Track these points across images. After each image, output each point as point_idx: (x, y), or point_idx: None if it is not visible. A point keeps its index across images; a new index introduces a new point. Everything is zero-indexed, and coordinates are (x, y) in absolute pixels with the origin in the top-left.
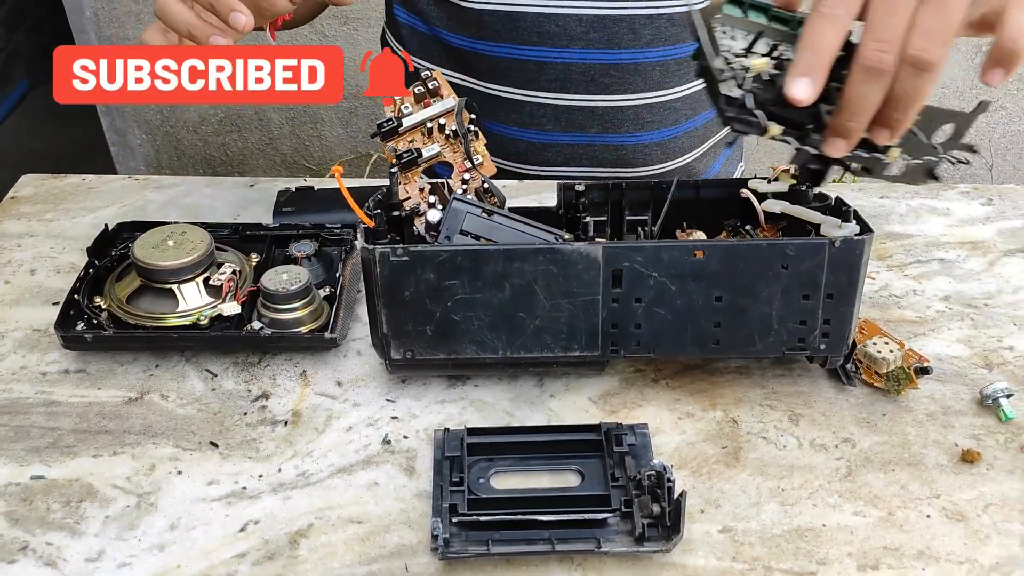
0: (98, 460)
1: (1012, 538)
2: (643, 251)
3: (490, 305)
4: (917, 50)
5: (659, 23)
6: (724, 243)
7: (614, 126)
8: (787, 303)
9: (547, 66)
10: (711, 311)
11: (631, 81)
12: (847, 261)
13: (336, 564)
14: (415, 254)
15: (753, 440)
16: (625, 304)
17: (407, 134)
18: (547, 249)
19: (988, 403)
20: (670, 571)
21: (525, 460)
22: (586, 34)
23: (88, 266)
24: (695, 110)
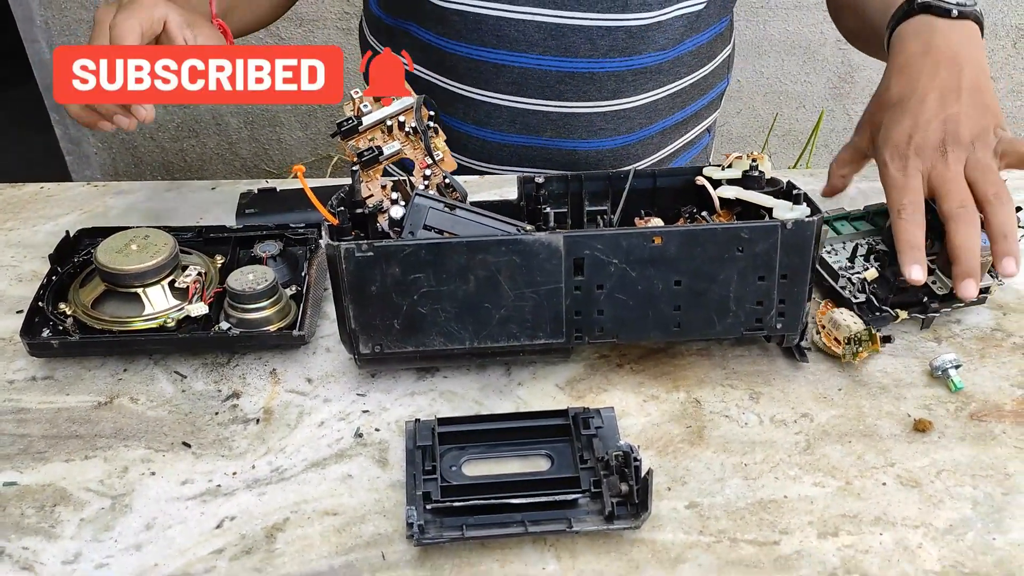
0: (70, 464)
1: (964, 501)
2: (603, 239)
3: (455, 297)
4: (986, 188)
5: (616, 35)
6: (681, 228)
7: (568, 131)
8: (744, 285)
9: (504, 69)
10: (671, 295)
11: (586, 89)
12: (799, 242)
13: (313, 556)
14: (379, 249)
15: (716, 419)
16: (587, 291)
17: (367, 132)
18: (509, 240)
19: (938, 374)
20: (640, 547)
21: (496, 447)
22: (544, 41)
23: (51, 273)
24: (651, 119)
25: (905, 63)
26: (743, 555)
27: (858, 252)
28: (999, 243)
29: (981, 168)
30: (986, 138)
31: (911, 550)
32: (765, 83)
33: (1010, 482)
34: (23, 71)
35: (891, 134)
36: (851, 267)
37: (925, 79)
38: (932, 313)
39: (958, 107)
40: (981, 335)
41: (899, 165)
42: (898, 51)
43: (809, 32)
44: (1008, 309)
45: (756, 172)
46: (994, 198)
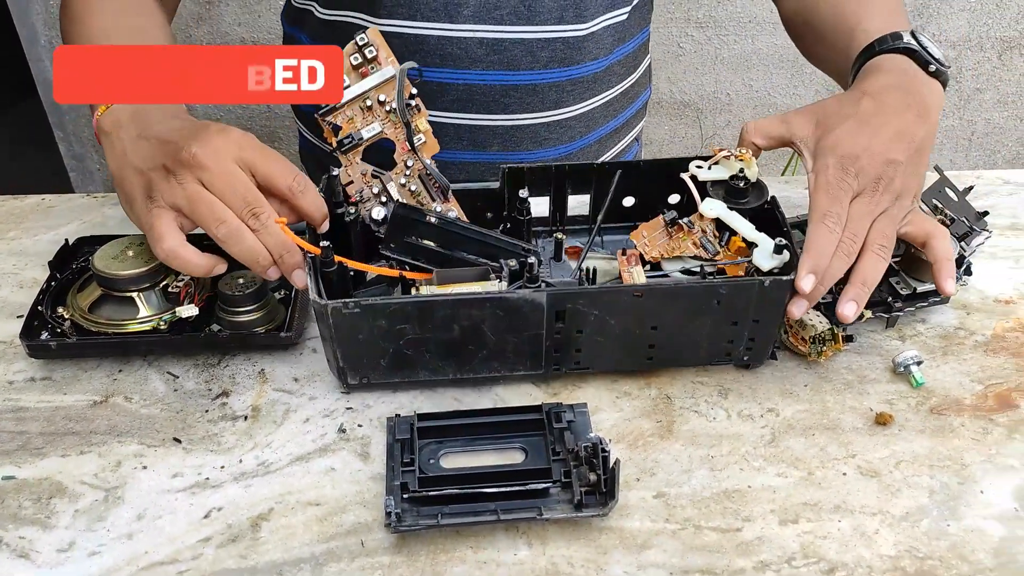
0: (66, 459)
1: (921, 490)
2: (586, 295)
3: (440, 342)
4: (879, 237)
5: (555, 46)
6: (663, 286)
7: (514, 143)
8: (717, 328)
9: (449, 87)
10: (647, 337)
11: (529, 101)
12: (774, 296)
13: (296, 543)
14: (366, 307)
15: (685, 414)
16: (567, 335)
17: (345, 108)
18: (494, 297)
19: (900, 370)
20: (608, 534)
21: (472, 441)
22: (487, 56)
23: (50, 279)
24: (588, 127)
25: (879, 90)
26: (707, 541)
27: None
28: (855, 287)
29: (888, 219)
30: (906, 200)
31: (868, 536)
32: (754, 96)
33: (966, 472)
34: (28, 89)
35: (843, 145)
36: None
37: (892, 112)
38: (896, 312)
39: (903, 157)
40: (944, 333)
41: (839, 176)
42: (873, 78)
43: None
44: (971, 309)
45: (741, 183)
46: (879, 249)
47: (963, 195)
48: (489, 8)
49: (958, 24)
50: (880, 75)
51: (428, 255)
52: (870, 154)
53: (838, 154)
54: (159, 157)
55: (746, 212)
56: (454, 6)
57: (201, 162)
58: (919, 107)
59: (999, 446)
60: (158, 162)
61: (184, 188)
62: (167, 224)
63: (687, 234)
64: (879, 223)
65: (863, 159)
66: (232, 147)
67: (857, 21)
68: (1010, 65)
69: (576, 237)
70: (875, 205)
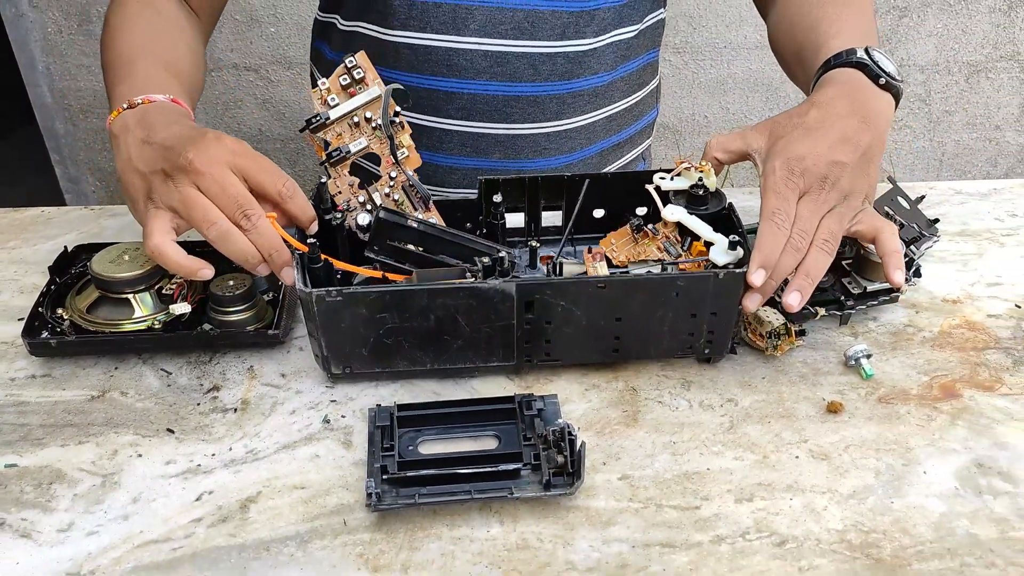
0: (65, 449)
1: (867, 471)
2: (552, 286)
3: (417, 332)
4: (825, 232)
5: (556, 60)
6: (624, 278)
7: (515, 152)
8: (677, 320)
9: (455, 96)
10: (612, 328)
11: (530, 112)
12: (729, 288)
13: (282, 523)
14: (348, 295)
15: (650, 404)
16: (537, 325)
17: (334, 125)
18: (467, 287)
19: (851, 363)
20: (575, 512)
21: (449, 429)
22: (490, 68)
23: (50, 283)
24: (590, 139)
25: (826, 101)
26: (667, 518)
27: None
28: (799, 278)
29: (835, 217)
30: (855, 200)
31: (817, 512)
32: (731, 118)
33: (910, 455)
34: (26, 114)
35: (789, 149)
36: None
37: (836, 119)
38: (848, 311)
39: (848, 160)
40: (894, 330)
41: (785, 176)
42: (823, 90)
43: (771, 71)
44: (920, 308)
45: (701, 191)
46: (823, 244)
47: (915, 203)
48: (494, 23)
49: (926, 49)
50: (830, 87)
51: (409, 257)
52: (815, 155)
53: (784, 156)
54: (159, 162)
55: (706, 217)
56: (461, 20)
57: (196, 167)
58: (864, 114)
59: (942, 431)
60: (158, 166)
61: (180, 191)
62: (160, 223)
63: (652, 240)
64: (826, 220)
65: (808, 160)
66: (226, 153)
67: (825, 40)
68: (977, 88)
69: (550, 247)
70: (822, 203)
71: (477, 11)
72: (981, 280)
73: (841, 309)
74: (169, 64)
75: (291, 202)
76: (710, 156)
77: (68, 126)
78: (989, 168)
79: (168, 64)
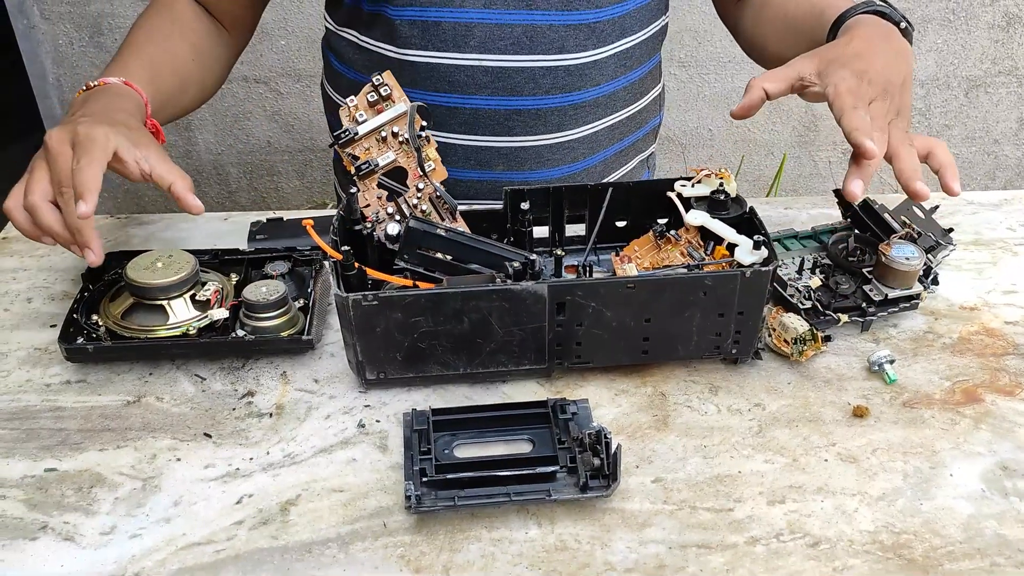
0: (104, 453)
1: (895, 474)
2: (583, 287)
3: (451, 335)
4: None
5: (557, 74)
6: (652, 277)
7: (519, 164)
8: (705, 320)
9: (456, 111)
10: (641, 329)
11: (532, 124)
12: (755, 287)
13: (323, 525)
14: (384, 299)
15: (679, 409)
16: (568, 328)
17: (362, 140)
18: (500, 290)
19: (875, 369)
20: (611, 514)
21: (483, 433)
22: (491, 83)
23: (83, 289)
24: (592, 149)
25: (863, 36)
26: (701, 520)
27: (805, 265)
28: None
29: (897, 127)
30: (903, 121)
31: (848, 514)
32: (734, 131)
33: (936, 458)
34: (35, 124)
35: (852, 64)
36: (799, 278)
37: (878, 49)
38: (870, 317)
39: (898, 81)
40: (914, 336)
41: (856, 82)
42: (854, 30)
43: None
44: (939, 315)
45: (722, 196)
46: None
47: (929, 213)
48: (493, 39)
49: (927, 64)
50: (860, 27)
51: (439, 266)
52: (874, 71)
53: (850, 68)
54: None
55: (728, 221)
56: (461, 37)
57: (47, 143)
58: (897, 48)
59: (966, 435)
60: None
61: (33, 163)
62: (18, 188)
63: (675, 245)
64: (894, 131)
65: (870, 73)
66: (68, 133)
67: (825, 7)
68: (976, 103)
69: (575, 257)
70: (885, 112)
71: (476, 28)
72: (997, 288)
73: (863, 315)
74: (152, 57)
75: (153, 170)
76: (756, 90)
77: None
78: (988, 181)
79: (151, 57)
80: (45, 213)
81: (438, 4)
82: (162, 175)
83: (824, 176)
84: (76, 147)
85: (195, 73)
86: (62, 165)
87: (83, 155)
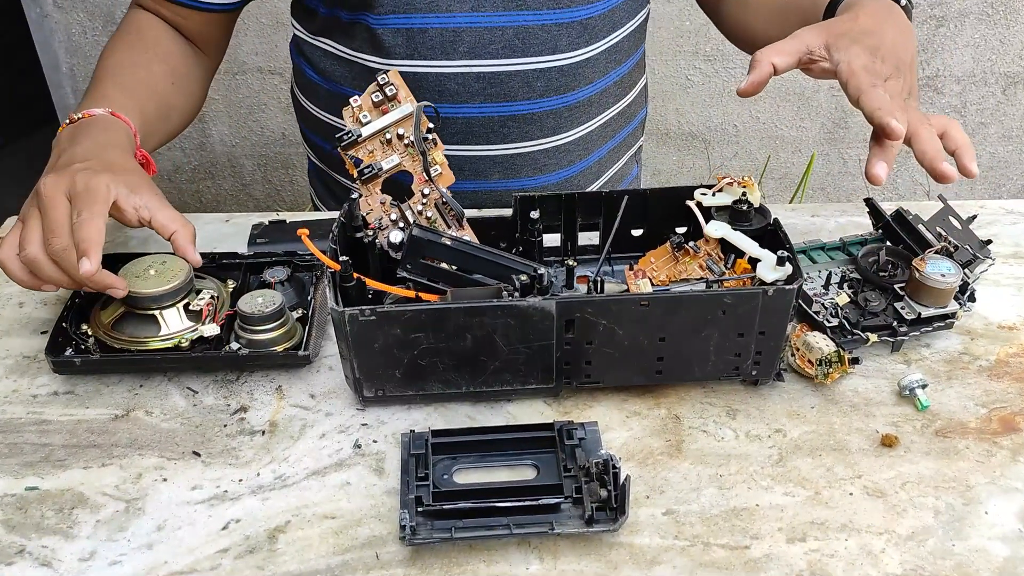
0: (88, 471)
1: (926, 511)
2: (594, 304)
3: (453, 352)
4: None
5: (551, 75)
6: (667, 296)
7: (515, 171)
8: (724, 340)
9: (449, 121)
10: (655, 349)
11: (527, 130)
12: (778, 305)
13: (312, 555)
14: (382, 314)
15: (694, 433)
16: (577, 346)
17: (366, 142)
18: (505, 306)
19: (906, 393)
20: (618, 550)
21: (485, 457)
22: (484, 90)
23: (74, 296)
24: (587, 150)
25: (872, 13)
26: (715, 558)
27: (832, 280)
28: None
29: (914, 107)
30: (913, 101)
31: (874, 555)
32: (760, 127)
33: (971, 493)
34: (48, 115)
35: (863, 40)
36: (825, 293)
37: (884, 26)
38: (901, 337)
39: (907, 59)
40: (949, 358)
41: (871, 59)
42: (861, 6)
43: (803, 79)
44: (975, 335)
45: (744, 206)
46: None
47: (967, 224)
48: (483, 44)
49: (963, 60)
50: (863, 4)
51: (444, 276)
52: (885, 48)
53: (861, 44)
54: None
55: (750, 234)
56: (449, 44)
57: (40, 191)
58: (905, 25)
59: (1003, 468)
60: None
61: (27, 211)
62: (12, 237)
63: (693, 257)
64: (908, 104)
65: (882, 50)
66: (65, 182)
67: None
68: (1014, 100)
69: (587, 267)
70: (900, 89)
71: (465, 33)
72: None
73: (894, 335)
74: (132, 85)
75: (154, 219)
76: (764, 65)
77: None
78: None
79: (131, 85)
80: (46, 267)
81: (423, 10)
82: (163, 224)
83: (855, 174)
84: (75, 199)
85: (176, 98)
86: (58, 217)
87: (84, 208)
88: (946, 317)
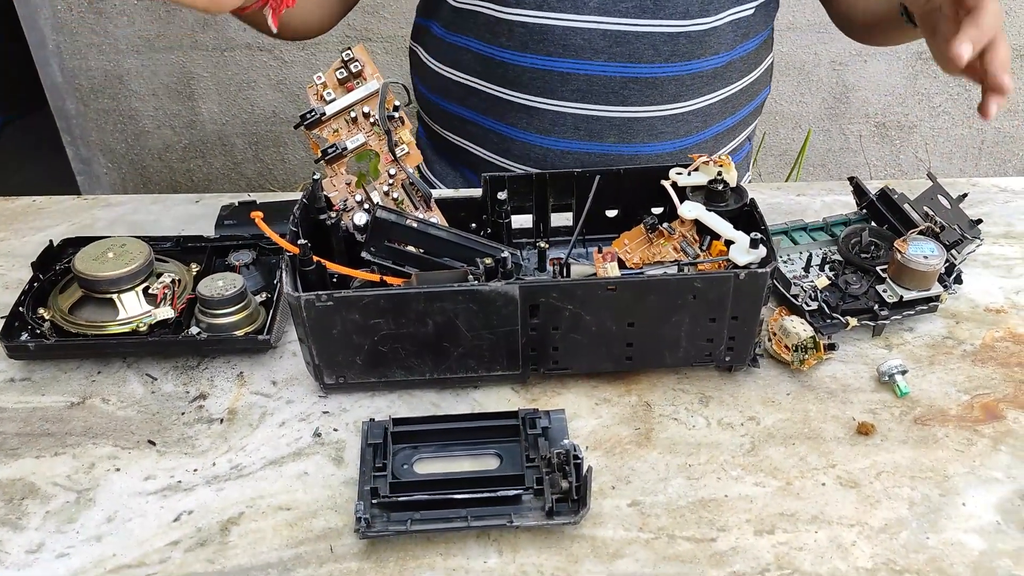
0: (40, 461)
1: (900, 502)
2: (558, 288)
3: (414, 338)
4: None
5: (678, 40)
6: (635, 280)
7: (630, 136)
8: (695, 325)
9: (570, 77)
10: (624, 334)
11: (648, 94)
12: (751, 289)
13: (264, 548)
14: (339, 299)
15: (664, 421)
16: (543, 331)
17: (331, 121)
18: (466, 290)
19: (885, 379)
20: (580, 543)
21: (448, 446)
22: (609, 48)
23: (33, 280)
24: (706, 123)
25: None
26: (680, 551)
27: (812, 261)
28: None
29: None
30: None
31: (844, 548)
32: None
33: (948, 484)
34: (37, 95)
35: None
36: (805, 276)
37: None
38: (882, 321)
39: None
40: (932, 342)
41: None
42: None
43: (803, 53)
44: (961, 318)
45: (720, 186)
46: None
47: (956, 203)
48: (615, 0)
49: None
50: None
51: (409, 259)
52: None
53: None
54: None
55: (726, 214)
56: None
57: None
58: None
59: (983, 458)
60: None
61: None
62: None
63: (668, 239)
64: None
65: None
66: None
67: None
68: (1020, 74)
69: (560, 249)
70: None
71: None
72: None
73: (875, 319)
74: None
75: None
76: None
77: (79, 106)
78: None
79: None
80: None
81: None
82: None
83: (855, 150)
84: None
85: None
86: None
87: None
88: (929, 300)
